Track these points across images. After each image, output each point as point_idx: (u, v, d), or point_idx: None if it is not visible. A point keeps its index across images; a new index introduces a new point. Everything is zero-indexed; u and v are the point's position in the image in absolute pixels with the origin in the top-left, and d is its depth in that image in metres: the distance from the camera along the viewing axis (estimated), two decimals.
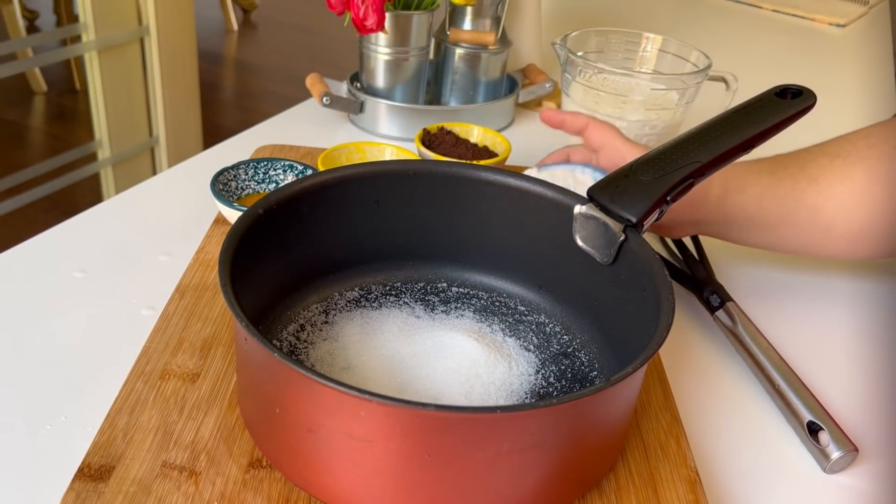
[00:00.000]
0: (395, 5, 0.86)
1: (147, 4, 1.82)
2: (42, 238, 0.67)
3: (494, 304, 0.59)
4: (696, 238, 0.71)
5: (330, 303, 0.57)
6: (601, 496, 0.46)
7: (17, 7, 2.58)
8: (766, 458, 0.53)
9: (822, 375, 0.60)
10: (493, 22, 0.92)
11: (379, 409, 0.38)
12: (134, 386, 0.50)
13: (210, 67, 3.30)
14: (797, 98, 0.56)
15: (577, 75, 0.83)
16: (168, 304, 0.57)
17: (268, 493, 0.44)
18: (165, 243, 0.67)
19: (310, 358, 0.51)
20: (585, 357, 0.54)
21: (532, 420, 0.39)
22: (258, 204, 0.50)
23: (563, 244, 0.54)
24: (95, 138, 1.92)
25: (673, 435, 0.50)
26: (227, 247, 0.46)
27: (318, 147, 0.82)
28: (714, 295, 0.63)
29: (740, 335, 0.60)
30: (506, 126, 0.98)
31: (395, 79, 0.90)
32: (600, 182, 0.52)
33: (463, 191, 0.57)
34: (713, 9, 1.63)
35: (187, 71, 1.97)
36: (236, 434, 0.47)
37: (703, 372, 0.60)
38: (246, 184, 0.69)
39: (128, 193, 0.76)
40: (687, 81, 0.80)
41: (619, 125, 0.81)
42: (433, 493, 0.40)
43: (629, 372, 0.40)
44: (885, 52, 1.45)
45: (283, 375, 0.40)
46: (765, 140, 0.54)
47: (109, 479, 0.43)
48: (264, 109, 2.85)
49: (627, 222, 0.50)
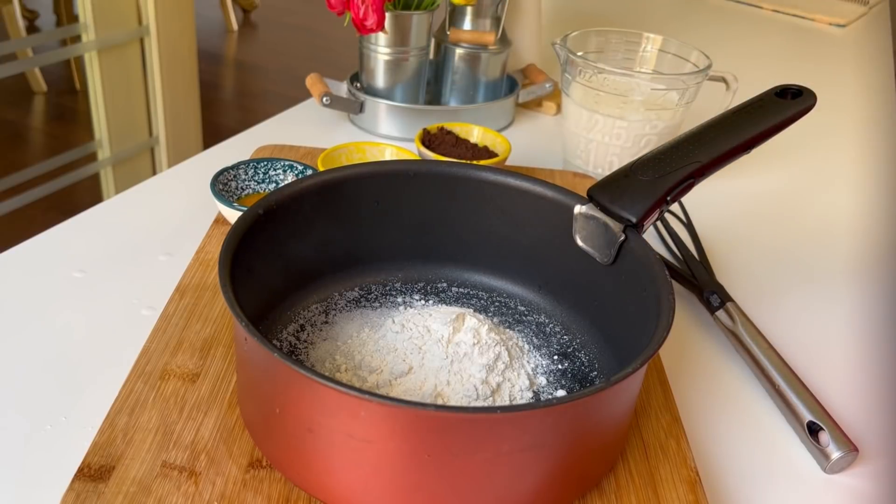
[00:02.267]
0: (395, 5, 0.86)
1: (147, 4, 1.82)
2: (42, 238, 0.67)
3: (494, 304, 0.59)
4: (696, 239, 0.71)
5: (330, 303, 0.57)
6: (601, 496, 0.46)
7: (17, 7, 2.58)
8: (766, 459, 0.53)
9: (822, 375, 0.60)
10: (493, 22, 0.92)
11: (379, 409, 0.38)
12: (134, 386, 0.50)
13: (210, 67, 3.30)
14: (797, 98, 0.56)
15: (577, 75, 0.83)
16: (168, 304, 0.57)
17: (268, 493, 0.44)
18: (165, 243, 0.67)
19: (310, 358, 0.51)
20: (585, 357, 0.54)
21: (532, 420, 0.39)
22: (258, 204, 0.50)
23: (563, 244, 0.54)
24: (95, 138, 1.92)
25: (673, 435, 0.50)
26: (227, 247, 0.46)
27: (318, 147, 0.82)
28: (714, 295, 0.63)
29: (740, 335, 0.60)
30: (506, 126, 0.98)
31: (395, 79, 0.90)
32: (600, 182, 0.52)
33: (463, 191, 0.57)
34: (713, 9, 1.63)
35: (187, 71, 1.97)
36: (236, 434, 0.47)
37: (703, 372, 0.60)
38: (246, 184, 0.69)
39: (128, 193, 0.76)
40: (687, 81, 0.80)
41: (620, 125, 0.81)
42: (433, 493, 0.40)
43: (629, 372, 0.40)
44: (885, 52, 1.45)
45: (283, 375, 0.40)
46: (765, 140, 0.54)
47: (109, 480, 0.43)
48: (264, 109, 2.85)
49: (627, 222, 0.50)
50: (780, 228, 0.82)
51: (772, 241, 0.79)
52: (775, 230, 0.82)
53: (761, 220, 0.84)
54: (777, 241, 0.80)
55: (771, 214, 0.85)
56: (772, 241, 0.80)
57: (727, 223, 0.81)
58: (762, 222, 0.83)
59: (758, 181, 0.90)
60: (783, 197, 0.89)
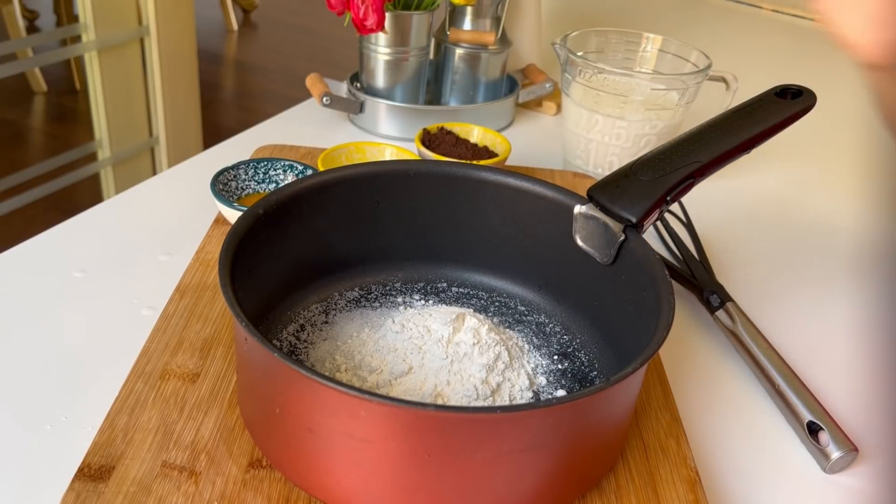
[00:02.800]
0: (395, 5, 0.86)
1: (147, 4, 1.82)
2: (42, 238, 0.67)
3: (494, 304, 0.59)
4: (696, 238, 0.71)
5: (330, 303, 0.57)
6: (601, 496, 0.46)
7: (17, 7, 2.58)
8: (765, 458, 0.53)
9: (821, 375, 0.60)
10: (493, 22, 0.92)
11: (379, 409, 0.38)
12: (134, 386, 0.50)
13: (210, 67, 3.30)
14: (797, 98, 0.56)
15: (577, 75, 0.83)
16: (168, 304, 0.57)
17: (268, 493, 0.44)
18: (165, 243, 0.67)
19: (310, 358, 0.52)
20: (585, 357, 0.54)
21: (532, 420, 0.39)
22: (258, 204, 0.50)
23: (563, 244, 0.54)
24: (95, 138, 1.92)
25: (673, 435, 0.50)
26: (227, 247, 0.46)
27: (318, 147, 0.82)
28: (714, 295, 0.63)
29: (740, 335, 0.60)
30: (506, 126, 0.98)
31: (395, 79, 0.90)
32: (600, 182, 0.52)
33: (463, 191, 0.57)
34: (713, 9, 1.63)
35: (187, 71, 1.97)
36: (236, 434, 0.47)
37: (703, 372, 0.60)
38: (246, 184, 0.69)
39: (128, 193, 0.76)
40: (687, 81, 0.80)
41: (620, 125, 0.81)
42: (433, 493, 0.40)
43: (629, 372, 0.40)
44: None
45: (283, 375, 0.40)
46: (765, 140, 0.54)
47: (109, 479, 0.43)
48: (264, 109, 2.85)
49: (627, 222, 0.50)
50: (780, 228, 0.82)
51: (772, 241, 0.80)
52: (775, 230, 0.82)
53: (761, 219, 0.84)
54: (777, 240, 0.80)
55: (771, 214, 0.85)
56: (772, 240, 0.80)
57: (727, 223, 0.81)
58: (762, 222, 0.83)
59: (758, 181, 0.90)
60: (783, 197, 0.89)
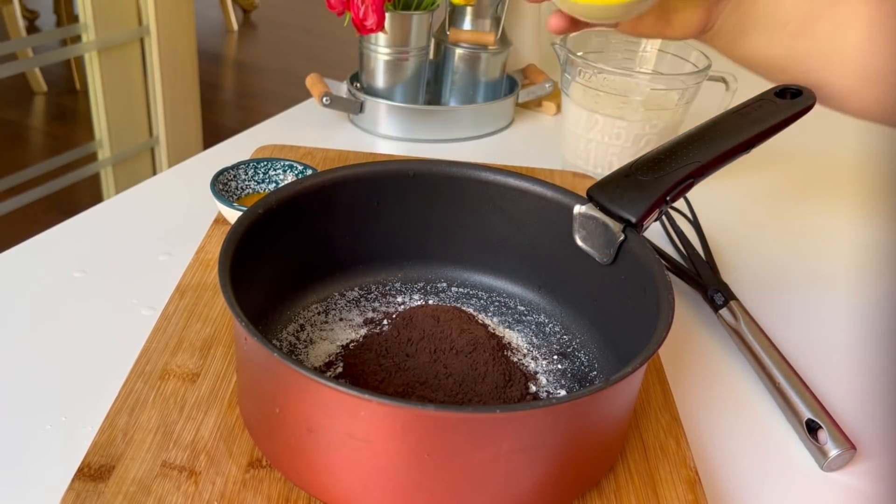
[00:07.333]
0: (395, 5, 0.86)
1: (147, 4, 1.82)
2: (42, 238, 0.67)
3: (494, 303, 0.59)
4: (702, 237, 0.71)
5: (330, 303, 0.57)
6: (601, 496, 0.46)
7: (17, 7, 2.58)
8: (764, 457, 0.53)
9: (822, 374, 0.60)
10: (493, 22, 0.92)
11: (379, 409, 0.38)
12: (134, 386, 0.50)
13: (210, 67, 3.30)
14: (797, 98, 0.56)
15: (577, 75, 0.83)
16: (168, 304, 0.57)
17: (268, 493, 0.44)
18: (165, 243, 0.67)
19: (310, 358, 0.52)
20: (585, 357, 0.54)
21: (532, 420, 0.39)
22: (258, 204, 0.50)
23: (563, 244, 0.54)
24: (95, 138, 1.92)
25: (672, 435, 0.50)
26: (227, 247, 0.46)
27: (318, 147, 0.82)
28: (718, 293, 0.64)
29: (742, 333, 0.60)
30: (505, 126, 0.98)
31: (395, 79, 0.90)
32: (600, 182, 0.52)
33: (463, 191, 0.57)
34: None
35: (187, 71, 1.97)
36: (236, 434, 0.47)
37: (705, 370, 0.60)
38: (246, 184, 0.69)
39: (128, 193, 0.76)
40: (687, 81, 0.80)
41: (619, 125, 0.81)
42: (433, 493, 0.40)
43: (629, 372, 0.40)
44: None
45: (283, 375, 0.40)
46: (764, 140, 0.54)
47: (109, 479, 0.43)
48: (264, 109, 2.85)
49: (627, 222, 0.50)
50: (784, 228, 0.82)
51: (777, 241, 0.80)
52: (780, 230, 0.82)
53: (767, 219, 0.84)
54: (782, 240, 0.80)
55: (776, 214, 0.85)
56: (777, 240, 0.80)
57: (734, 222, 0.81)
58: (767, 222, 0.83)
59: (764, 181, 0.90)
60: (787, 197, 0.89)
